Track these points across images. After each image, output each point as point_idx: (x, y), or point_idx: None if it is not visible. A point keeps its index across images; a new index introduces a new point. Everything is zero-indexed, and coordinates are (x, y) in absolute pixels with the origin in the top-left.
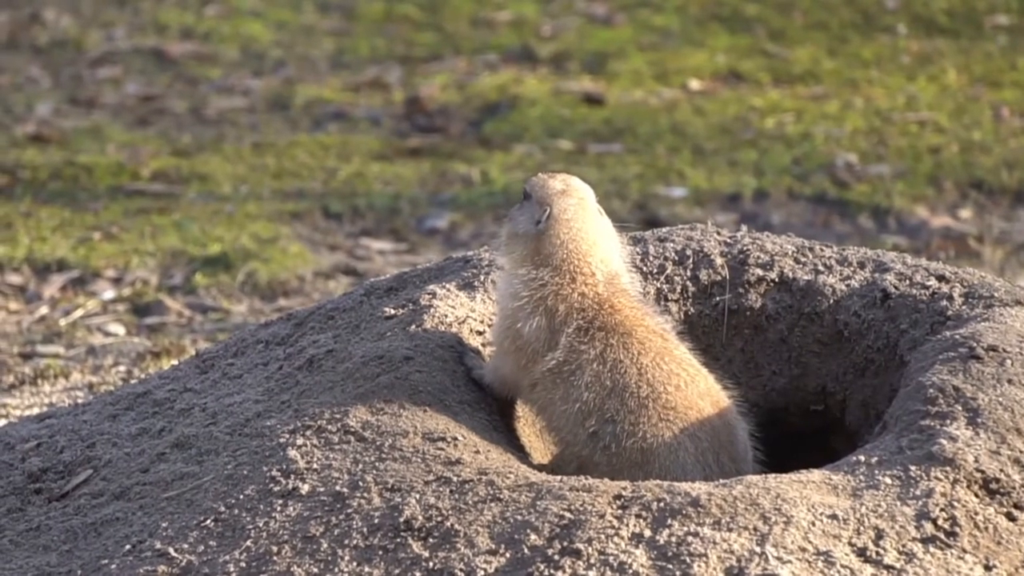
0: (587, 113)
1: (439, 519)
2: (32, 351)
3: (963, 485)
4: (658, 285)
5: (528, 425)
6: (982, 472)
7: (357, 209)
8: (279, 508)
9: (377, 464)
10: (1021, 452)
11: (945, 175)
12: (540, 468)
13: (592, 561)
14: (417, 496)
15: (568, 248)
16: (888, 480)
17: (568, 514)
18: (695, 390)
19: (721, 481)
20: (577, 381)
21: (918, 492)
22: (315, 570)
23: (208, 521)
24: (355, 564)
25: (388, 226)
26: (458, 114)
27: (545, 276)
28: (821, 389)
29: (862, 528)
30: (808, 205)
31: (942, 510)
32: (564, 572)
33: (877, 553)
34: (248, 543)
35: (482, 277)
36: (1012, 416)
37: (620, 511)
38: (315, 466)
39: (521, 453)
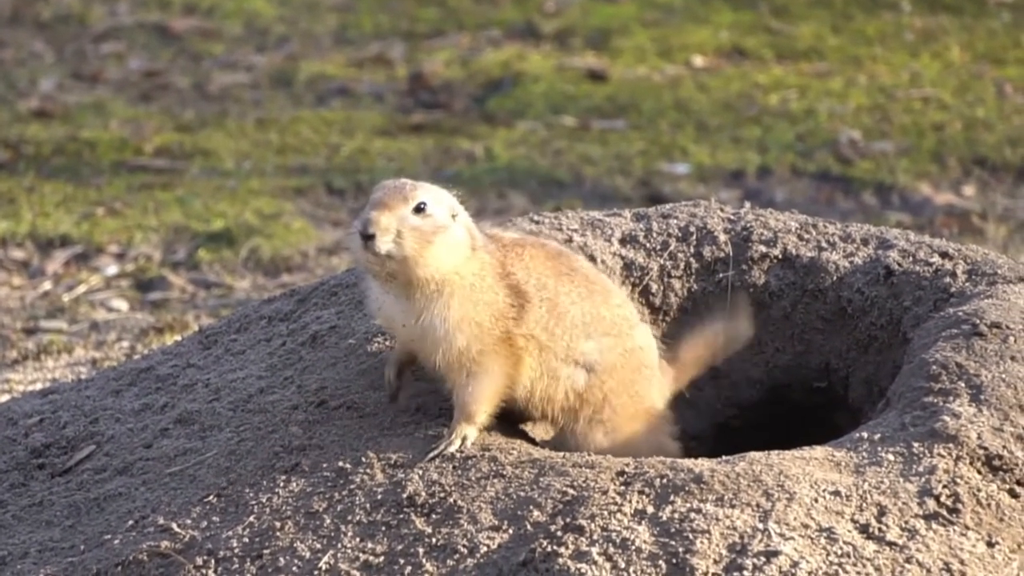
0: (591, 89)
1: (442, 495)
2: (35, 326)
3: (966, 462)
4: (661, 262)
5: None
6: (985, 449)
7: (360, 185)
8: (282, 484)
9: (380, 440)
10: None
11: (949, 152)
12: (542, 445)
13: (595, 537)
14: (420, 472)
15: None
16: (891, 457)
17: (571, 490)
18: None
19: (724, 458)
20: None
21: (921, 469)
22: (318, 546)
23: (211, 497)
24: (358, 540)
25: None
26: (461, 90)
27: None
28: (824, 366)
29: (865, 505)
30: (812, 182)
31: (945, 487)
32: (567, 548)
33: (880, 530)
34: (251, 519)
35: None
36: (1015, 393)
37: (623, 487)
38: (318, 442)
39: (523, 429)
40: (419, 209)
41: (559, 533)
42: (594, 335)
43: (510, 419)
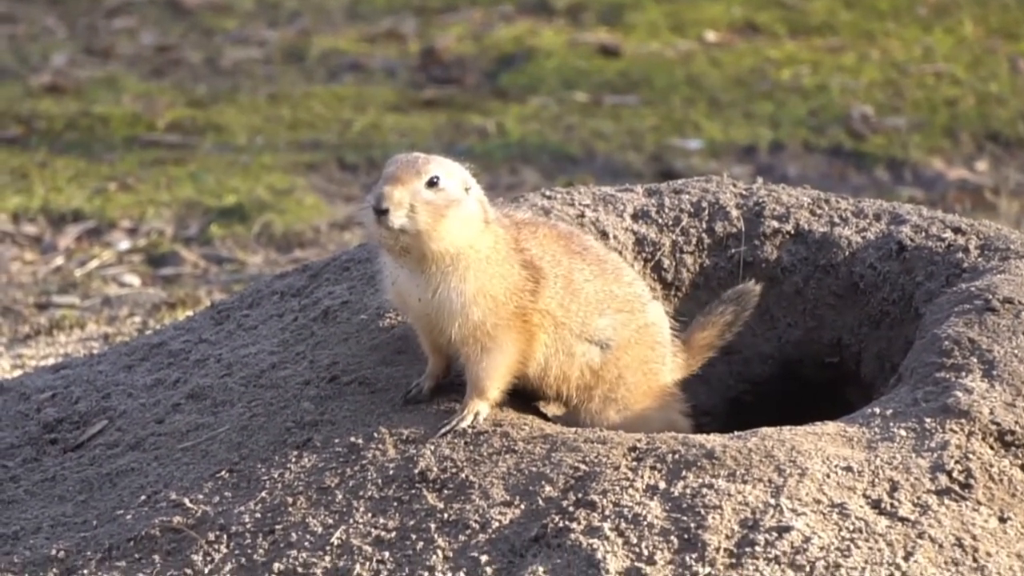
0: (603, 65)
1: (454, 470)
2: (48, 301)
3: (978, 437)
4: (673, 237)
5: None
6: (997, 424)
7: (372, 160)
8: (294, 459)
9: (392, 415)
10: None
11: (961, 127)
12: (554, 420)
13: (607, 513)
14: (432, 447)
15: None
16: (903, 432)
17: (583, 466)
18: None
19: (736, 433)
20: None
21: (933, 444)
22: (330, 521)
23: (223, 472)
24: (370, 515)
25: None
26: (474, 65)
27: None
28: (836, 341)
29: (877, 480)
30: (824, 157)
31: (957, 462)
32: (579, 524)
33: (892, 505)
34: (263, 494)
35: None
36: None
37: (635, 463)
38: (330, 417)
39: (535, 406)
40: (432, 183)
41: (571, 508)
42: (608, 312)
43: (523, 396)
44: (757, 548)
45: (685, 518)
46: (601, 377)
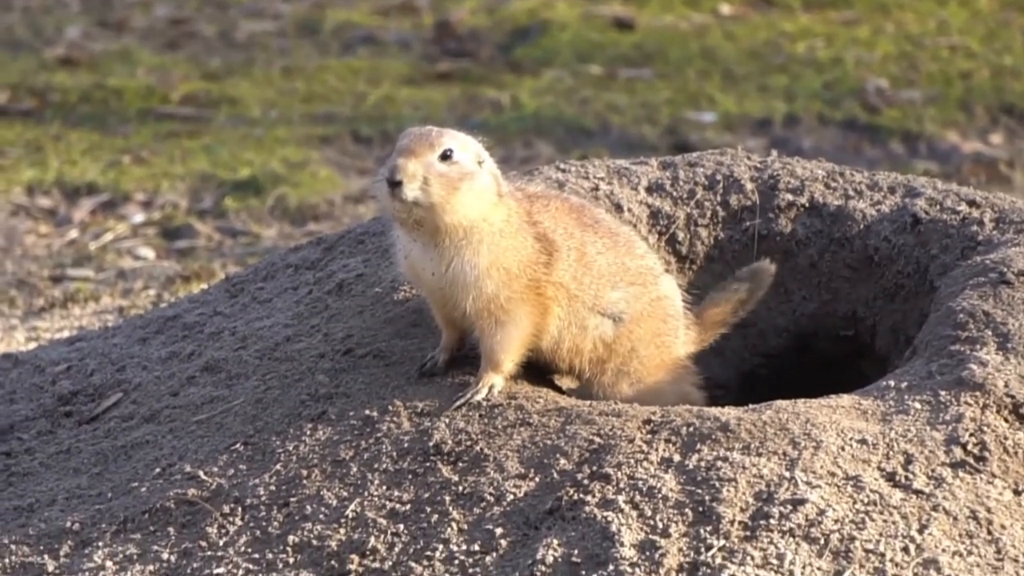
0: (618, 38)
1: (468, 443)
2: (62, 274)
3: (992, 410)
4: (688, 210)
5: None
6: (1012, 397)
7: (387, 133)
8: (308, 432)
9: (406, 388)
10: None
11: (976, 100)
12: (569, 393)
13: (621, 486)
14: (446, 420)
15: None
16: (918, 405)
17: (597, 439)
18: None
19: (751, 406)
20: None
21: (947, 417)
22: (344, 493)
23: (238, 445)
24: (384, 488)
25: None
26: (488, 38)
27: None
28: (851, 314)
29: (891, 453)
30: (839, 130)
31: (971, 435)
32: (593, 496)
33: (906, 478)
34: (278, 467)
35: None
36: None
37: (649, 436)
38: (344, 390)
39: (550, 379)
40: (445, 156)
41: (586, 481)
42: (620, 285)
43: (537, 369)
44: (772, 521)
45: (700, 491)
46: (614, 350)
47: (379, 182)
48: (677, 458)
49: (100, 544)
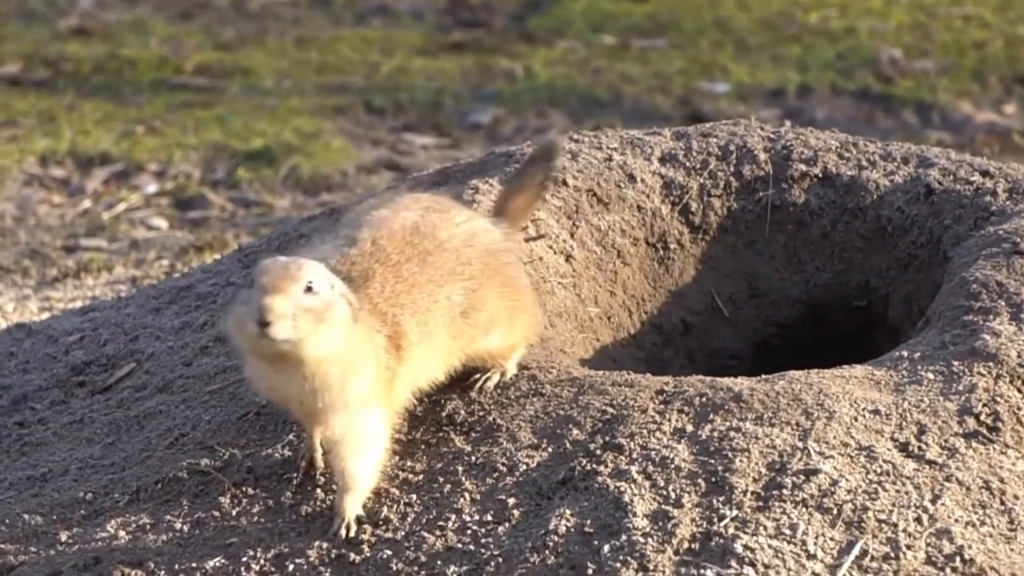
0: (631, 8)
1: (481, 414)
2: (75, 244)
3: (1006, 380)
4: (701, 180)
5: (569, 320)
6: None
7: (400, 104)
8: None
9: None
10: None
11: (990, 70)
12: (581, 363)
13: (634, 456)
14: (459, 391)
15: None
16: (931, 375)
17: (610, 409)
18: None
19: (763, 376)
20: None
21: (961, 387)
22: None
23: (250, 414)
24: (397, 458)
25: (431, 121)
26: (501, 8)
27: None
28: (864, 285)
29: (904, 423)
30: (852, 100)
31: (984, 405)
32: (606, 467)
33: (919, 448)
34: (290, 436)
35: None
36: None
37: (662, 406)
38: None
39: (562, 348)
40: (309, 288)
41: (598, 452)
42: (459, 291)
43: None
44: (784, 491)
45: (712, 461)
46: (477, 327)
47: (241, 321)
48: (690, 428)
49: (113, 514)
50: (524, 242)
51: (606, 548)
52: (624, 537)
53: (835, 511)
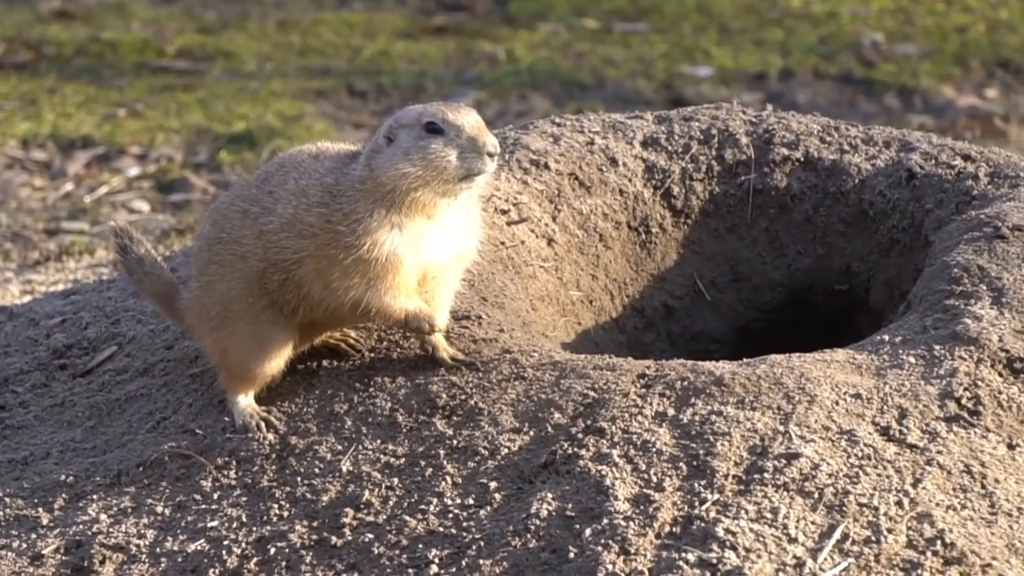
0: None
1: (463, 397)
2: (57, 227)
3: (987, 364)
4: (683, 164)
5: (551, 304)
6: (1006, 351)
7: (382, 87)
8: (303, 385)
9: (401, 342)
10: None
11: (971, 54)
12: (563, 347)
13: (616, 440)
14: (441, 374)
15: None
16: (912, 359)
17: (592, 393)
18: None
19: (745, 360)
20: None
21: (942, 371)
22: (339, 447)
23: None
24: (379, 442)
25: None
26: None
27: None
28: (846, 269)
29: (886, 407)
30: (834, 84)
31: (966, 389)
32: (588, 450)
33: (900, 432)
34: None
35: (507, 156)
36: None
37: (644, 390)
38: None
39: (543, 332)
40: None
41: (580, 435)
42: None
43: (532, 319)
44: (766, 475)
45: (694, 445)
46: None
47: (444, 161)
48: (671, 412)
49: (94, 497)
50: (506, 225)
51: (587, 532)
52: (605, 521)
53: (816, 495)
